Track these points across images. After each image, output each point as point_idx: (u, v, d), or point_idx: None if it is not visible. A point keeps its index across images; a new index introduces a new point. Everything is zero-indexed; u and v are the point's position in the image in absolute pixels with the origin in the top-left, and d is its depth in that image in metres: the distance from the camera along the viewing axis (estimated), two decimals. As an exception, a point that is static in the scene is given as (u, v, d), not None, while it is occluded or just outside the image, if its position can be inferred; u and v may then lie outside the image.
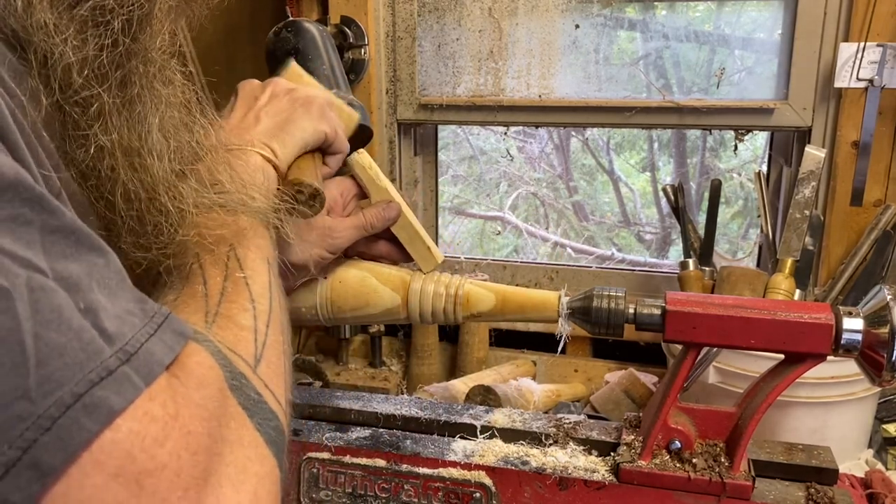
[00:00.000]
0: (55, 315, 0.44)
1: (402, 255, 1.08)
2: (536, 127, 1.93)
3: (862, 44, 1.43)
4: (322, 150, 0.94)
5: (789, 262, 1.44)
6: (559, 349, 1.10)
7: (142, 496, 0.45)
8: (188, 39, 1.87)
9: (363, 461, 1.06)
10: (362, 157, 1.06)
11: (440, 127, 1.89)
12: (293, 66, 1.04)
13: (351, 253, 1.07)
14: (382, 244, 1.08)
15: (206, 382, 0.53)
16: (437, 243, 1.92)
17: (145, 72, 0.59)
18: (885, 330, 0.86)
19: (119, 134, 0.57)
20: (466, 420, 1.11)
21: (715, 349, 1.27)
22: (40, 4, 0.53)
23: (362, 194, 1.07)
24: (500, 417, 1.12)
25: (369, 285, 1.04)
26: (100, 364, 0.45)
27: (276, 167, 0.82)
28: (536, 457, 1.03)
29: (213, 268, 0.65)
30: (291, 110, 0.88)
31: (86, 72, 0.55)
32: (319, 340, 1.89)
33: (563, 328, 0.99)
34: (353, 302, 1.05)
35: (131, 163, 0.58)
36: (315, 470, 1.08)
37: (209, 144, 0.69)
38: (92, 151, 0.56)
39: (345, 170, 1.06)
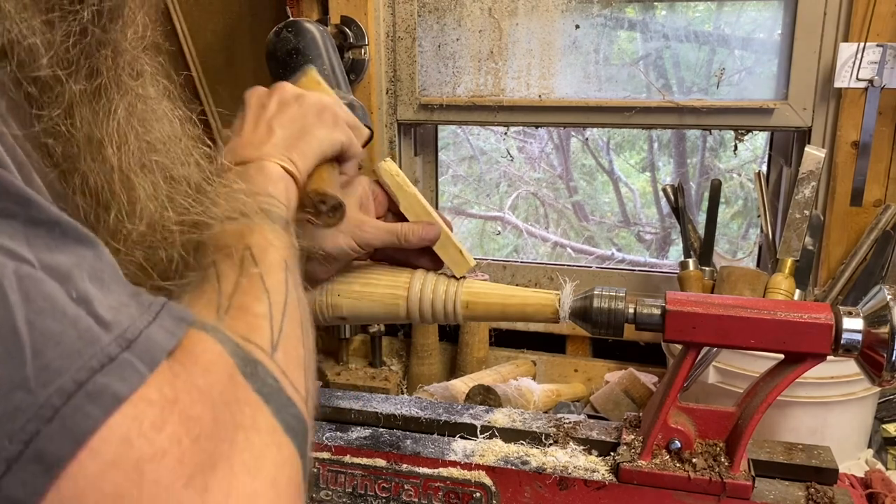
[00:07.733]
0: (48, 303, 0.43)
1: (437, 265, 1.05)
2: (536, 127, 1.93)
3: (862, 44, 1.43)
4: (338, 158, 0.93)
5: (789, 262, 1.44)
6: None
7: (143, 484, 0.42)
8: (188, 39, 1.87)
9: (363, 461, 1.06)
10: (389, 164, 1.04)
11: (440, 127, 1.89)
12: (312, 72, 0.99)
13: (382, 257, 1.05)
14: (423, 258, 1.05)
15: (213, 368, 0.51)
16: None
17: (114, 63, 0.58)
18: (884, 330, 0.86)
19: (82, 123, 0.55)
20: (466, 420, 1.11)
21: (715, 349, 1.27)
22: None
23: (388, 198, 1.04)
24: (500, 417, 1.12)
25: (369, 285, 1.04)
26: (99, 351, 0.44)
27: (295, 179, 0.82)
28: (536, 457, 1.04)
29: (228, 267, 0.64)
30: (304, 119, 0.86)
31: (51, 54, 0.52)
32: (319, 340, 1.89)
33: (564, 309, 0.98)
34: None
35: (92, 153, 0.56)
36: (315, 469, 1.08)
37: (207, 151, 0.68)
38: (54, 137, 0.54)
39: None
